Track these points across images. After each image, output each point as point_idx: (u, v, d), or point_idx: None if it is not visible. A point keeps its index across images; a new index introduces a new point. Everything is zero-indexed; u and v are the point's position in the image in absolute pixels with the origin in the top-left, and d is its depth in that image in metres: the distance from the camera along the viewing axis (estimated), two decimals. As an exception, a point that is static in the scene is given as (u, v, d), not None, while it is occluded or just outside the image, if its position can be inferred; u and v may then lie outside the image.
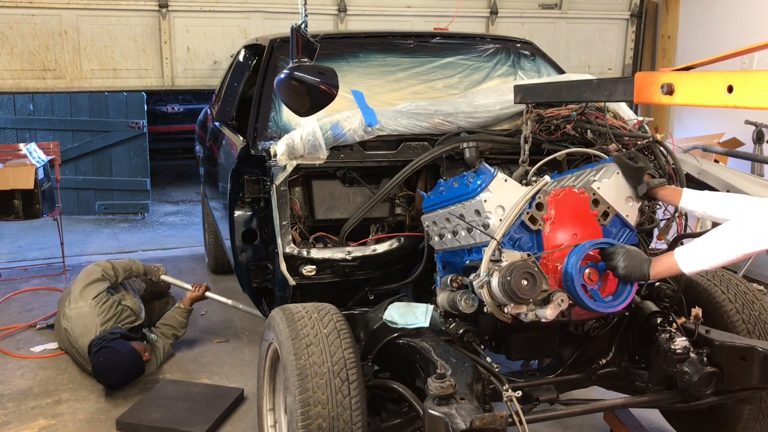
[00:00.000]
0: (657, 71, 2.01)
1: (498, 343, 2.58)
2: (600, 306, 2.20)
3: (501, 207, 2.31)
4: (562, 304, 2.13)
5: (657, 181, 2.41)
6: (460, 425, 1.86)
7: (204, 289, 4.07)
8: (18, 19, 5.29)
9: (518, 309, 2.15)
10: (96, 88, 5.69)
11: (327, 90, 2.48)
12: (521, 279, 2.09)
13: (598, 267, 2.22)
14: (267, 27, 5.73)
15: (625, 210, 2.44)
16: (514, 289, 2.08)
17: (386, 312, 2.51)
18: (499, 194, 2.32)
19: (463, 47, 3.71)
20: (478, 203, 2.33)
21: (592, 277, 2.19)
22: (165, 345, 3.89)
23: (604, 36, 6.92)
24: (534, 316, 2.15)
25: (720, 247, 1.95)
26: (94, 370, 3.51)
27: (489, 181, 2.33)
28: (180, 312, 4.01)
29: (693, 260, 2.01)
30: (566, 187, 2.40)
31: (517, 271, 2.09)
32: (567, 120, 2.77)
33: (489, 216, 2.30)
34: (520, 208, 2.27)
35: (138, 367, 3.55)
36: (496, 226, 2.27)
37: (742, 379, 2.37)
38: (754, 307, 2.69)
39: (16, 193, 4.86)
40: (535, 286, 2.10)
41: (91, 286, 3.78)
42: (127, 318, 3.80)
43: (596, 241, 2.25)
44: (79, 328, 3.66)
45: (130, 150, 7.39)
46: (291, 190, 2.84)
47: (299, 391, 2.13)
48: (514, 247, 2.28)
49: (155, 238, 6.81)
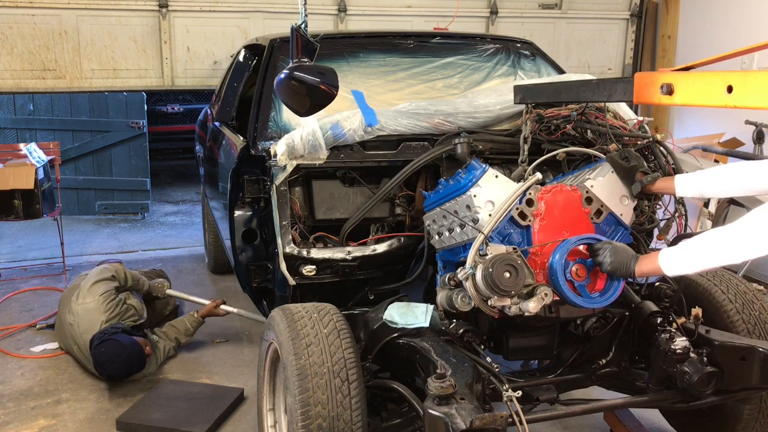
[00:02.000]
0: (657, 71, 2.01)
1: (496, 344, 2.58)
2: (585, 302, 2.21)
3: (491, 202, 2.34)
4: (546, 298, 2.15)
5: (650, 177, 2.41)
6: (460, 425, 1.86)
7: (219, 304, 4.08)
8: (18, 19, 5.29)
9: (502, 301, 2.17)
10: (96, 88, 5.69)
11: (327, 90, 2.48)
12: (503, 271, 2.12)
13: (587, 263, 2.23)
14: (267, 27, 5.73)
15: (620, 209, 2.44)
16: (496, 281, 2.11)
17: (386, 312, 2.52)
18: (489, 189, 2.35)
19: (463, 47, 3.71)
20: (468, 198, 2.36)
21: (579, 273, 2.21)
22: (166, 346, 3.89)
23: (604, 36, 6.92)
24: (518, 310, 2.17)
25: (705, 253, 1.93)
26: (95, 361, 3.51)
27: (479, 176, 2.37)
28: (191, 320, 4.02)
29: (676, 263, 2.00)
30: (558, 183, 2.42)
31: (500, 264, 2.12)
32: (567, 120, 2.77)
33: (478, 211, 2.33)
34: (510, 204, 2.29)
35: (139, 360, 3.56)
36: (485, 221, 2.30)
37: (742, 379, 2.37)
38: (754, 307, 2.69)
39: (16, 193, 4.86)
40: (517, 279, 2.12)
41: (100, 283, 3.81)
42: (130, 317, 3.82)
43: (582, 236, 2.25)
44: (85, 323, 3.67)
45: (130, 150, 7.39)
46: (291, 190, 2.84)
47: (299, 391, 2.13)
48: (503, 242, 2.30)
49: (155, 238, 6.81)
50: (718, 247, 1.90)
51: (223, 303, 4.10)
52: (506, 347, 2.55)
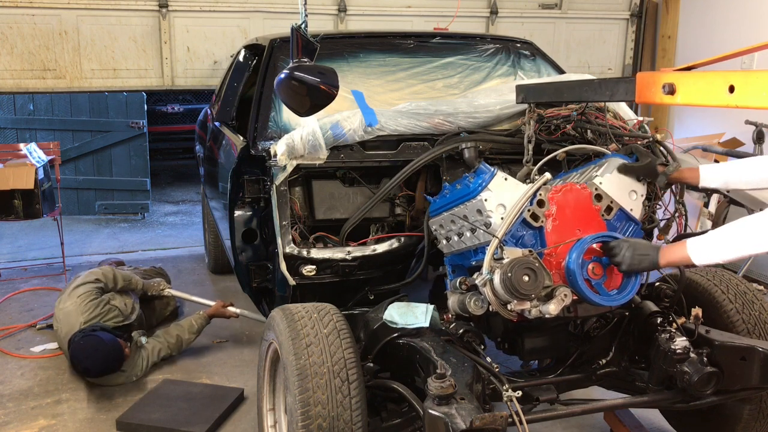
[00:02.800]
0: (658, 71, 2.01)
1: (511, 345, 2.58)
2: (604, 300, 2.21)
3: (502, 205, 2.32)
4: (566, 299, 2.14)
5: (672, 166, 2.39)
6: (460, 425, 1.86)
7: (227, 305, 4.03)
8: (18, 19, 5.29)
9: (522, 305, 2.16)
10: (96, 88, 5.69)
11: (327, 90, 2.48)
12: (522, 275, 2.11)
13: (603, 261, 2.22)
14: (267, 27, 5.73)
15: (629, 204, 2.44)
16: (516, 285, 2.09)
17: (386, 312, 2.51)
18: (499, 193, 2.33)
19: (463, 47, 3.71)
20: (479, 203, 2.34)
21: (596, 272, 2.20)
22: (155, 348, 3.77)
23: (604, 36, 6.92)
24: (538, 312, 2.16)
25: (736, 241, 1.90)
26: (72, 355, 3.45)
27: (489, 180, 2.34)
28: (197, 318, 3.97)
29: (706, 252, 1.98)
30: (568, 183, 2.41)
31: (518, 267, 2.10)
32: (567, 120, 2.77)
33: (490, 215, 2.31)
34: (521, 206, 2.28)
35: (116, 358, 3.47)
36: (497, 225, 2.28)
37: (742, 379, 2.37)
38: (754, 307, 2.69)
39: (16, 193, 4.86)
40: (536, 282, 2.11)
41: (82, 287, 3.77)
42: (113, 318, 3.75)
43: (597, 235, 2.25)
44: (66, 327, 3.63)
45: (130, 150, 7.39)
46: (291, 190, 2.84)
47: (299, 391, 2.13)
48: (517, 244, 2.28)
49: (155, 238, 6.81)
50: (749, 235, 1.88)
51: (231, 305, 4.05)
52: (522, 348, 2.53)
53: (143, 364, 3.72)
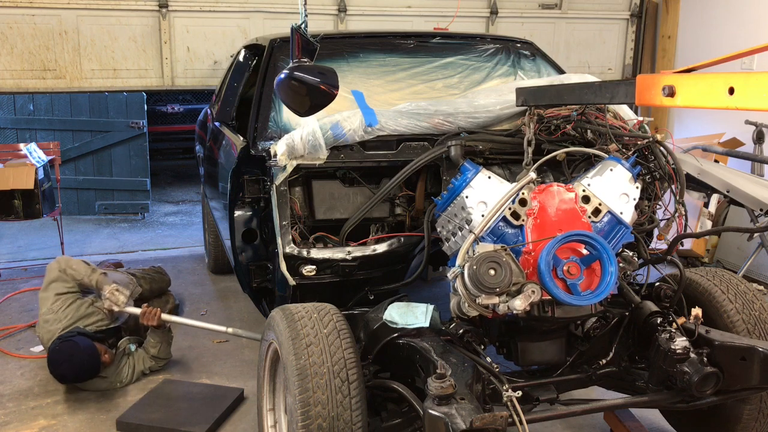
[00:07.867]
0: (658, 74, 2.01)
1: (508, 350, 2.59)
2: (574, 299, 2.21)
3: (483, 203, 2.37)
4: (533, 296, 2.15)
5: None
6: (460, 425, 1.86)
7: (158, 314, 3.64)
8: (18, 19, 5.29)
9: (489, 300, 2.18)
10: (96, 88, 5.69)
11: (327, 90, 2.48)
12: (488, 269, 2.14)
13: (581, 261, 2.22)
14: (267, 27, 5.74)
15: (620, 207, 2.44)
16: (481, 278, 2.13)
17: (386, 312, 2.52)
18: (481, 190, 2.38)
19: (463, 47, 3.72)
20: (461, 200, 2.40)
21: (571, 271, 2.21)
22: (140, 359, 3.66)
23: (604, 36, 6.92)
24: (506, 308, 2.18)
25: None
26: (48, 360, 3.39)
27: (471, 177, 2.40)
28: (150, 333, 3.72)
29: None
30: (552, 183, 2.42)
31: (484, 261, 2.14)
32: (567, 120, 2.78)
33: (471, 212, 2.36)
34: (502, 204, 2.30)
35: (93, 365, 3.37)
36: (478, 222, 2.31)
37: (742, 379, 2.37)
38: (754, 307, 2.69)
39: (16, 193, 4.86)
40: (502, 276, 2.13)
41: (50, 286, 3.66)
42: (97, 321, 3.63)
43: (568, 233, 2.23)
44: (47, 336, 3.56)
45: (130, 150, 7.38)
46: (291, 190, 2.84)
47: (299, 391, 2.13)
48: (497, 242, 2.31)
49: (155, 238, 6.81)
50: None
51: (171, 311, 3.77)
52: (517, 352, 2.54)
53: (128, 372, 3.61)
